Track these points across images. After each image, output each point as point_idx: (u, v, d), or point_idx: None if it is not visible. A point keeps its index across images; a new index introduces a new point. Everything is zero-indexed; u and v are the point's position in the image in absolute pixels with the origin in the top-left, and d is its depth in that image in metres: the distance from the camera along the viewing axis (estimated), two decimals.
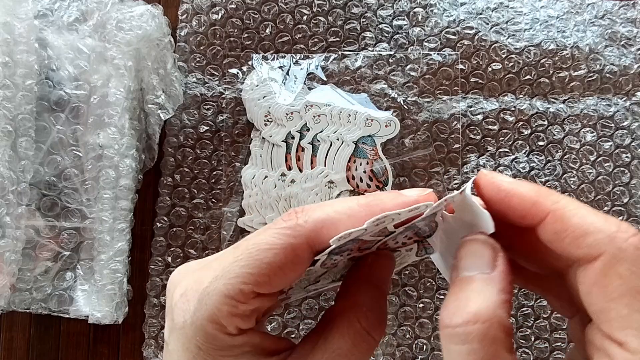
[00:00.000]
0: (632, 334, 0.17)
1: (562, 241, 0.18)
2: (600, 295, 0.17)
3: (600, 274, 0.17)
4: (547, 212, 0.19)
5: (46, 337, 0.47)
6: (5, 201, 0.41)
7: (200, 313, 0.19)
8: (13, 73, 0.42)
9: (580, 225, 0.18)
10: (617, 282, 0.17)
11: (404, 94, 0.47)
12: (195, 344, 0.19)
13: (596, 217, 0.18)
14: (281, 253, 0.19)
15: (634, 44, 0.47)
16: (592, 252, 0.17)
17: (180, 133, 0.47)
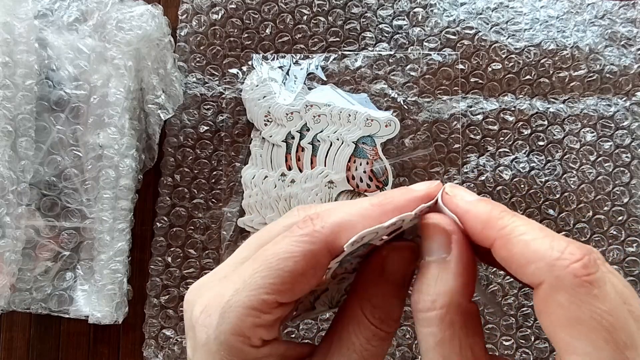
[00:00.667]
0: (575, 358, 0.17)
1: (510, 267, 0.18)
2: (546, 322, 0.17)
3: (543, 302, 0.17)
4: (494, 238, 0.18)
5: (46, 337, 0.47)
6: (5, 201, 0.41)
7: (223, 327, 0.19)
8: (13, 73, 0.42)
9: (522, 254, 0.18)
10: (558, 312, 0.17)
11: (404, 94, 0.47)
12: (220, 359, 0.19)
13: (541, 242, 0.17)
14: (302, 261, 0.19)
15: (634, 44, 0.47)
16: (534, 280, 0.17)
17: (180, 133, 0.47)
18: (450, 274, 0.19)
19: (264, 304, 0.19)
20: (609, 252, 0.46)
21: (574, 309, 0.16)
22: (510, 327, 0.45)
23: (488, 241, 0.19)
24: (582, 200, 0.46)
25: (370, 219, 0.20)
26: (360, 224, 0.20)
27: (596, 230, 0.46)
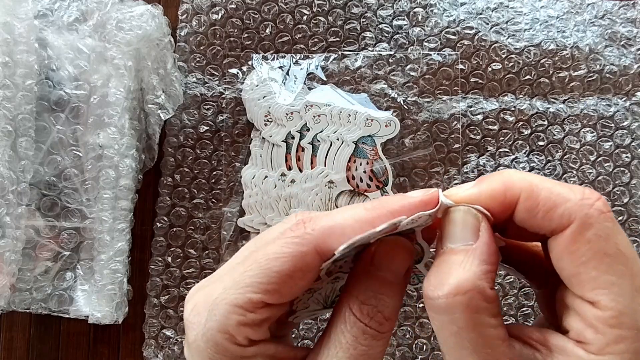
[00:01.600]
0: (602, 293, 0.18)
1: (536, 217, 0.19)
2: (570, 261, 0.18)
3: (570, 241, 0.18)
4: (518, 193, 0.19)
5: (46, 337, 0.47)
6: (5, 201, 0.41)
7: (210, 324, 0.19)
8: (13, 73, 0.42)
9: (549, 198, 0.19)
10: (585, 247, 0.18)
11: (404, 94, 0.47)
12: (207, 356, 0.19)
13: (562, 188, 0.19)
14: (290, 261, 0.19)
15: (634, 44, 0.47)
16: (563, 222, 0.18)
17: (180, 133, 0.47)
18: (477, 260, 0.19)
19: (249, 303, 0.19)
20: None
21: (600, 242, 0.18)
22: None
23: (512, 200, 0.19)
24: None
25: (363, 222, 0.19)
26: (352, 227, 0.20)
27: None
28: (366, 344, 0.19)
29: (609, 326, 0.18)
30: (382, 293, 0.20)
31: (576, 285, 0.19)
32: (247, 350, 0.19)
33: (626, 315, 0.18)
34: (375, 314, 0.20)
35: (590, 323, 0.18)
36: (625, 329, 0.17)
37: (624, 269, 0.18)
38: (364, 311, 0.20)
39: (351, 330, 0.19)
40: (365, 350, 0.19)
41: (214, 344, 0.19)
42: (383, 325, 0.20)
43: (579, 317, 0.19)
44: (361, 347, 0.19)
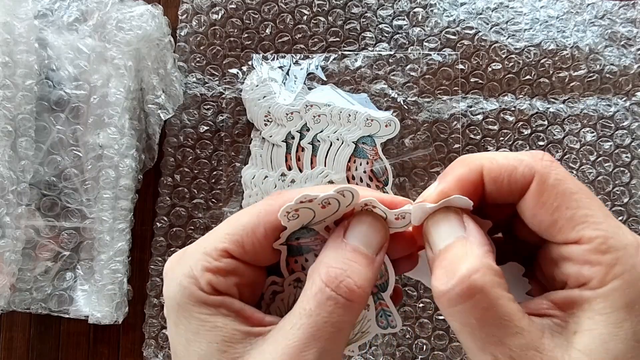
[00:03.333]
0: (582, 227, 0.19)
1: (502, 184, 0.20)
2: (544, 211, 0.19)
3: (537, 193, 0.19)
4: (481, 169, 0.20)
5: (46, 337, 0.47)
6: (5, 201, 0.41)
7: (179, 270, 0.21)
8: (13, 73, 0.42)
9: (508, 163, 0.20)
10: (552, 194, 0.19)
11: (404, 94, 0.47)
12: (176, 302, 0.20)
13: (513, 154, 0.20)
14: (255, 216, 0.21)
15: (634, 44, 0.47)
16: (526, 179, 0.20)
17: (180, 133, 0.47)
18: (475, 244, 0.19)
19: (215, 251, 0.20)
20: None
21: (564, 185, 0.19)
22: None
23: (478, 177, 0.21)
24: None
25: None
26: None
27: None
28: (331, 311, 0.18)
29: (601, 253, 0.18)
30: (354, 261, 0.20)
31: (556, 232, 0.19)
32: (211, 297, 0.20)
33: (611, 238, 0.18)
34: (343, 279, 0.19)
35: (583, 260, 0.18)
36: (615, 251, 0.18)
37: (590, 199, 0.19)
38: (331, 274, 0.19)
39: (316, 295, 0.19)
40: (329, 317, 0.18)
41: (181, 287, 0.20)
42: (352, 292, 0.19)
43: (570, 262, 0.19)
44: (325, 314, 0.18)
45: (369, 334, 0.24)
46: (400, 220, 0.21)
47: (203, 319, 0.20)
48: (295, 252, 0.22)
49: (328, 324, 0.18)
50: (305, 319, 0.19)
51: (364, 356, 0.46)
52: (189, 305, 0.20)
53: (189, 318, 0.20)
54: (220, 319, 0.20)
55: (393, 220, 0.21)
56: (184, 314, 0.20)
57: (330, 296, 0.19)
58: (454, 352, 0.46)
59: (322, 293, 0.19)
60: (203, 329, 0.20)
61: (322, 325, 0.18)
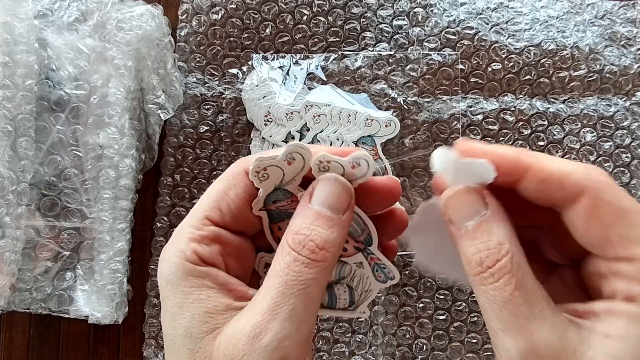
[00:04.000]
0: (636, 247, 0.19)
1: (548, 187, 0.20)
2: (597, 226, 0.19)
3: (591, 207, 0.19)
4: (530, 164, 0.20)
5: (46, 337, 0.47)
6: (5, 201, 0.41)
7: (168, 248, 0.22)
8: (13, 73, 0.42)
9: (560, 170, 0.20)
10: (607, 210, 0.19)
11: (404, 94, 0.47)
12: (164, 280, 0.21)
13: (568, 162, 0.20)
14: (224, 180, 0.23)
15: (634, 44, 0.47)
16: (577, 190, 0.19)
17: (180, 133, 0.47)
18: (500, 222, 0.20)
19: (196, 220, 0.22)
20: None
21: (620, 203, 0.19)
22: None
23: (523, 168, 0.20)
24: None
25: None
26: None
27: None
28: (298, 270, 0.20)
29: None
30: (316, 225, 0.21)
31: (608, 248, 0.19)
32: (197, 268, 0.21)
33: None
34: (306, 242, 0.20)
35: (634, 277, 0.19)
36: None
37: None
38: (296, 240, 0.21)
39: (284, 258, 0.20)
40: (296, 276, 0.20)
41: (169, 263, 0.21)
42: (315, 253, 0.20)
43: (619, 278, 0.19)
44: (293, 273, 0.20)
45: (372, 291, 0.25)
46: (357, 168, 0.22)
47: (187, 291, 0.21)
48: (275, 217, 0.23)
49: (297, 282, 0.20)
50: (276, 280, 0.20)
51: (364, 356, 0.46)
52: (176, 279, 0.21)
53: (175, 292, 0.21)
54: (204, 292, 0.21)
55: (351, 171, 0.22)
56: (171, 289, 0.21)
57: (296, 258, 0.20)
58: (453, 352, 0.46)
59: (289, 256, 0.20)
60: (187, 302, 0.21)
61: (292, 284, 0.20)
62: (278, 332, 0.19)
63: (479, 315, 0.46)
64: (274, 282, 0.20)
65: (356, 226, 0.23)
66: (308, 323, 0.20)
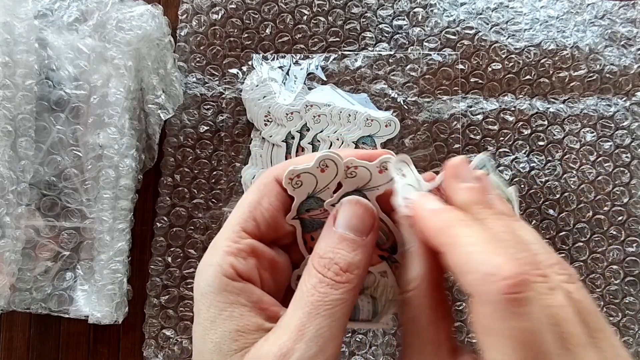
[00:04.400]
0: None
1: (453, 275, 0.20)
2: (476, 327, 0.19)
3: (473, 311, 0.19)
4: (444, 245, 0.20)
5: (46, 337, 0.47)
6: (5, 201, 0.41)
7: (205, 260, 0.22)
8: (13, 73, 0.42)
9: (462, 264, 0.19)
10: (482, 321, 0.18)
11: (404, 94, 0.47)
12: (200, 293, 0.22)
13: (481, 256, 0.18)
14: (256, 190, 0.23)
15: (634, 44, 0.47)
16: (468, 290, 0.19)
17: (180, 133, 0.47)
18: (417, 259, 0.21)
19: (233, 233, 0.22)
20: (609, 252, 0.46)
21: (494, 321, 0.18)
22: None
23: (440, 249, 0.20)
24: (582, 200, 0.46)
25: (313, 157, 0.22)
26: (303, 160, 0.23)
27: (596, 230, 0.46)
28: (323, 292, 0.21)
29: None
30: (340, 248, 0.22)
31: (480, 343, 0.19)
32: (232, 283, 0.21)
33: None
34: (331, 266, 0.21)
35: None
36: None
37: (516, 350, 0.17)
38: (321, 263, 0.21)
39: (310, 280, 0.21)
40: (322, 297, 0.21)
41: (205, 277, 0.22)
42: (340, 275, 0.21)
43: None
44: (318, 294, 0.21)
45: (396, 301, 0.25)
46: (383, 173, 0.22)
47: (222, 307, 0.21)
48: (309, 227, 0.23)
49: (323, 302, 0.20)
50: (302, 301, 0.21)
51: (364, 356, 0.46)
52: (211, 294, 0.21)
53: (209, 306, 0.21)
54: (237, 309, 0.21)
55: (377, 175, 0.22)
56: (205, 303, 0.21)
57: (321, 280, 0.21)
58: None
59: (315, 278, 0.21)
60: (220, 318, 0.21)
61: (318, 304, 0.20)
62: (305, 353, 0.19)
63: None
64: (301, 303, 0.21)
65: (381, 234, 0.23)
66: (335, 342, 0.20)
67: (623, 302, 0.45)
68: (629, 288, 0.45)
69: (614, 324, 0.45)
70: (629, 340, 0.45)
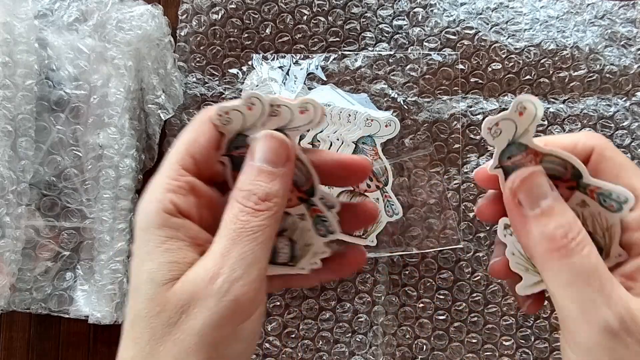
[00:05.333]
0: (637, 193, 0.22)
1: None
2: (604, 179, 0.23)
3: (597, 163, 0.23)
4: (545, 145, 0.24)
5: (46, 337, 0.47)
6: (5, 201, 0.41)
7: (146, 197, 0.23)
8: (13, 73, 0.42)
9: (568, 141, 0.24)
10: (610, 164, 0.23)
11: (404, 94, 0.47)
12: (140, 228, 0.23)
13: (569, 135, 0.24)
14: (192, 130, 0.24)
15: (634, 44, 0.47)
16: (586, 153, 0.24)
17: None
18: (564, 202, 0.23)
19: (172, 171, 0.23)
20: None
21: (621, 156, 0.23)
22: (511, 327, 0.45)
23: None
24: None
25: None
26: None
27: None
28: (244, 219, 0.22)
29: None
30: (259, 180, 0.23)
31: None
32: (172, 219, 0.22)
33: None
34: (250, 196, 0.22)
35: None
36: None
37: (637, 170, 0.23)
38: (241, 195, 0.23)
39: (232, 210, 0.22)
40: (243, 224, 0.22)
41: (146, 212, 0.22)
42: (259, 204, 0.22)
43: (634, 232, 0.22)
44: (240, 222, 0.22)
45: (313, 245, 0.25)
46: (305, 113, 0.23)
47: (160, 240, 0.22)
48: (237, 164, 0.24)
49: (244, 229, 0.22)
50: (225, 230, 0.22)
51: (364, 356, 0.46)
52: (151, 228, 0.22)
53: (147, 240, 0.22)
54: (176, 243, 0.22)
55: (300, 116, 0.23)
56: (144, 237, 0.22)
57: (241, 209, 0.22)
58: (454, 352, 0.46)
59: (236, 208, 0.22)
60: (157, 250, 0.22)
61: (240, 232, 0.22)
62: (229, 275, 0.21)
63: (479, 315, 0.46)
64: (224, 232, 0.22)
65: (301, 175, 0.24)
66: (259, 265, 0.22)
67: None
68: None
69: None
70: None
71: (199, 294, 0.21)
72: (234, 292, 0.21)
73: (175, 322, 0.21)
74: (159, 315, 0.21)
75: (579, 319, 0.20)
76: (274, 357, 0.46)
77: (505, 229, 0.25)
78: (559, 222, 0.21)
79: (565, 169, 0.23)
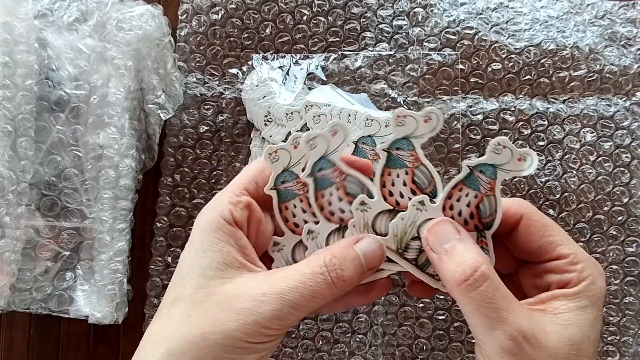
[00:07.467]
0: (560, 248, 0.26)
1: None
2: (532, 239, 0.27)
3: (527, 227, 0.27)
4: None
5: (46, 337, 0.47)
6: (5, 201, 0.41)
7: (208, 205, 0.27)
8: (13, 73, 0.42)
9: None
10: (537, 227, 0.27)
11: (404, 94, 0.47)
12: (200, 227, 0.26)
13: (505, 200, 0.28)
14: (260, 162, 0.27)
15: (634, 44, 0.47)
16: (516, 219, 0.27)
17: (180, 133, 0.47)
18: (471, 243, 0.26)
19: (236, 189, 0.27)
20: (608, 252, 0.46)
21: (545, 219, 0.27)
22: None
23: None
24: (582, 200, 0.46)
25: None
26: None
27: (596, 230, 0.46)
28: (317, 281, 0.24)
29: (574, 264, 0.26)
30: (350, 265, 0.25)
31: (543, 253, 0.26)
32: (227, 226, 0.25)
33: (578, 254, 0.26)
34: (337, 270, 0.25)
35: (563, 270, 0.26)
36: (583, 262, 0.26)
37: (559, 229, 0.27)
38: (333, 261, 0.25)
39: (315, 266, 0.25)
40: (314, 285, 0.24)
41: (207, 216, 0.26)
42: (339, 280, 0.25)
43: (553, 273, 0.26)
44: (311, 282, 0.24)
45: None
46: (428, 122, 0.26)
47: (215, 241, 0.25)
48: (284, 197, 0.27)
49: (311, 287, 0.24)
50: (297, 275, 0.24)
51: (364, 356, 0.46)
52: (209, 229, 0.25)
53: (204, 239, 0.25)
54: (227, 247, 0.25)
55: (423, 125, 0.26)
56: (201, 235, 0.25)
57: (323, 272, 0.25)
58: (454, 352, 0.46)
59: (320, 268, 0.25)
60: (211, 249, 0.25)
61: (306, 286, 0.24)
62: (276, 312, 0.23)
63: None
64: (296, 276, 0.24)
65: (423, 177, 0.27)
66: (294, 320, 0.24)
67: (623, 302, 0.45)
68: (629, 288, 0.45)
69: (614, 324, 0.45)
70: (629, 340, 0.45)
71: (243, 304, 0.24)
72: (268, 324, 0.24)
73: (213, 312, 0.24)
74: (201, 303, 0.24)
75: (484, 339, 0.24)
76: (274, 357, 0.46)
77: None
78: (458, 261, 0.24)
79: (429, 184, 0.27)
